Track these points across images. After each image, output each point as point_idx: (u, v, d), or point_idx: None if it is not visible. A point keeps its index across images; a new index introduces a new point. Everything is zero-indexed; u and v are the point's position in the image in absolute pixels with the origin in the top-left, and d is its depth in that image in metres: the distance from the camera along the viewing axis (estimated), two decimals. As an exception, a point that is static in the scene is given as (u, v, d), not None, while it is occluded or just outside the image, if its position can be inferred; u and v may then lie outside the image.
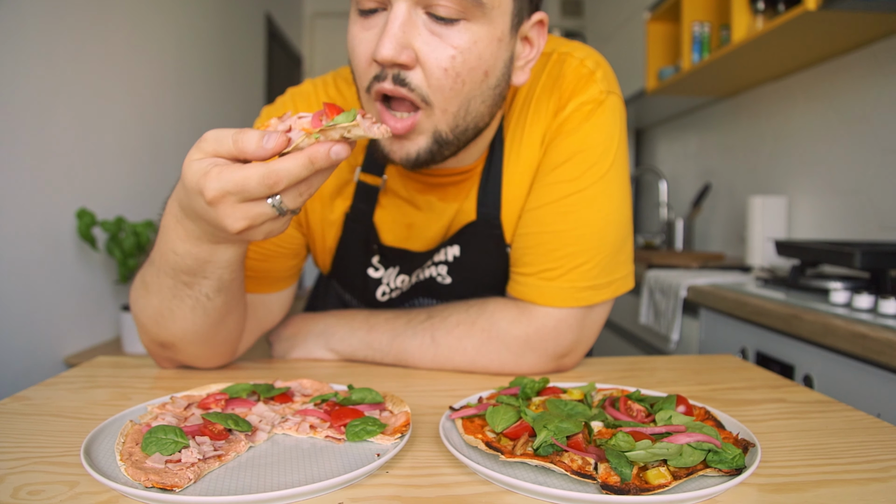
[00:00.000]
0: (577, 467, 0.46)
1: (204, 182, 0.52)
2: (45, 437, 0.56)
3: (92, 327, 1.93)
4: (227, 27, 3.12)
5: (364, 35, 0.66)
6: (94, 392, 0.70)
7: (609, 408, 0.58)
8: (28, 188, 1.61)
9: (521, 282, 0.79)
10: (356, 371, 0.81)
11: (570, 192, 0.76)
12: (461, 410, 0.58)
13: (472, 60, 0.65)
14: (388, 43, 0.62)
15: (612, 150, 0.77)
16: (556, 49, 0.80)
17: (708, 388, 0.76)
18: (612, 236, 0.77)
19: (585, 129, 0.76)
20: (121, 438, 0.51)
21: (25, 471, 0.49)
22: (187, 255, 0.62)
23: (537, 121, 0.78)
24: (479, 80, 0.67)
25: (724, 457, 0.48)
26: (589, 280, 0.77)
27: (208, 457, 0.49)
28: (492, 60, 0.67)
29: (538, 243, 0.77)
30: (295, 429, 0.57)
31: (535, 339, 0.78)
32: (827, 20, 1.60)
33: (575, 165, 0.76)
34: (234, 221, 0.54)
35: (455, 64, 0.64)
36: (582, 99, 0.76)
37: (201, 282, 0.66)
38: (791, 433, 0.60)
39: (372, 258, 0.87)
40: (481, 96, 0.69)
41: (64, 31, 1.74)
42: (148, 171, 2.27)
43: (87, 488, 0.46)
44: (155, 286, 0.68)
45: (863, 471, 0.51)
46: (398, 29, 0.62)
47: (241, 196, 0.52)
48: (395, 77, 0.64)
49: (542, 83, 0.79)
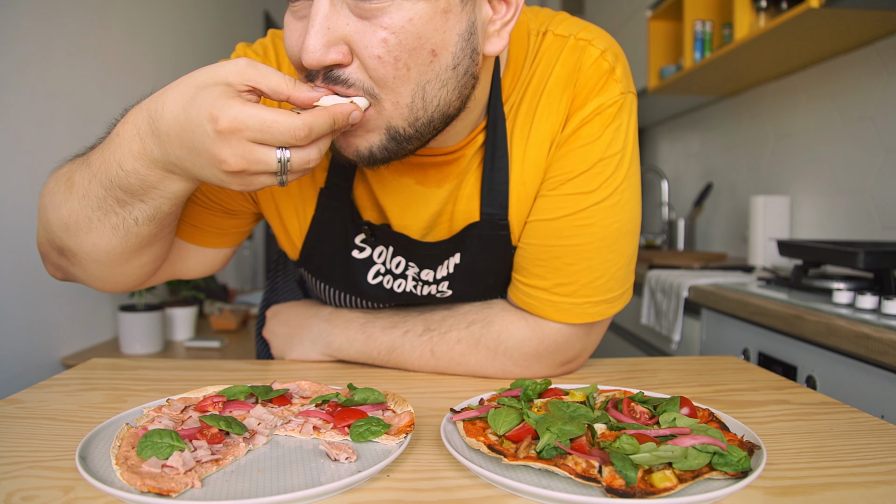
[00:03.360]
0: (581, 470, 0.45)
1: (223, 106, 0.50)
2: (39, 440, 0.55)
3: (89, 328, 1.92)
4: (224, 25, 3.11)
5: (293, 26, 0.59)
6: (90, 395, 0.69)
7: (612, 410, 0.58)
8: (25, 187, 1.60)
9: (532, 294, 0.75)
10: (355, 373, 0.80)
11: (590, 203, 0.71)
12: (462, 413, 0.57)
13: (410, 41, 0.56)
14: (311, 43, 0.54)
15: (628, 157, 0.73)
16: (573, 33, 0.72)
17: (710, 389, 0.75)
18: (627, 247, 0.74)
19: (607, 136, 0.71)
20: (116, 442, 0.50)
21: (19, 476, 0.48)
22: (133, 174, 0.57)
23: (548, 115, 0.71)
24: (426, 62, 0.57)
25: (729, 459, 0.47)
26: (603, 294, 0.74)
27: (205, 461, 0.48)
28: (438, 36, 0.57)
29: (553, 256, 0.72)
30: (298, 430, 0.56)
31: (545, 353, 0.76)
32: (830, 18, 1.59)
33: (595, 175, 0.71)
34: (234, 157, 0.51)
35: (389, 48, 0.55)
36: (602, 100, 0.70)
37: (136, 204, 0.61)
38: (796, 435, 0.59)
39: (355, 237, 0.78)
40: (437, 80, 0.59)
41: (61, 29, 1.74)
42: None
43: (82, 493, 0.45)
44: (82, 190, 0.62)
45: (869, 473, 0.50)
46: (321, 22, 0.54)
47: (259, 136, 0.50)
48: (328, 76, 0.57)
49: (557, 73, 0.71)
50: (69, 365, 1.73)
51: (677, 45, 2.58)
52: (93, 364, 0.82)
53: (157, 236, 0.67)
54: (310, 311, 0.87)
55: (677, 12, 2.43)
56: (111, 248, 0.65)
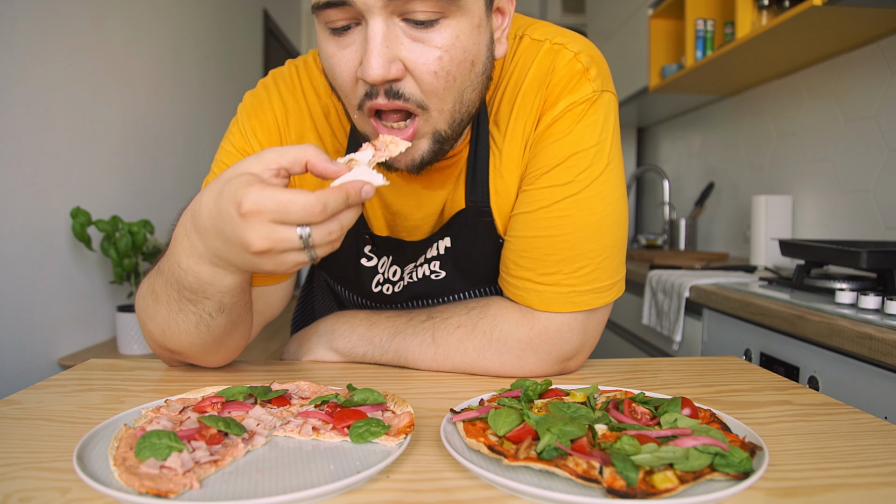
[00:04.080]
0: (581, 471, 0.45)
1: (245, 192, 0.53)
2: (35, 441, 0.55)
3: (87, 328, 1.91)
4: (223, 23, 3.10)
5: (342, 54, 0.65)
6: (87, 395, 0.69)
7: (613, 410, 0.57)
8: (22, 187, 1.59)
9: (519, 286, 0.78)
10: (356, 374, 0.80)
11: (564, 195, 0.74)
12: (462, 413, 0.56)
13: (459, 55, 0.64)
14: (375, 62, 0.61)
15: (605, 152, 0.75)
16: (549, 38, 0.76)
17: (712, 389, 0.74)
18: (609, 239, 0.76)
19: (578, 131, 0.74)
20: (114, 443, 0.50)
21: (16, 477, 0.48)
22: (189, 272, 0.63)
23: (523, 113, 0.76)
24: (467, 72, 0.67)
25: (731, 460, 0.47)
26: (589, 283, 0.76)
27: (203, 462, 0.48)
28: (476, 49, 0.66)
29: (533, 247, 0.76)
30: (297, 431, 0.56)
31: (538, 342, 0.77)
32: (833, 16, 1.58)
33: (568, 169, 0.74)
34: (259, 240, 0.54)
35: (443, 64, 0.64)
36: (574, 98, 0.74)
37: (203, 301, 0.66)
38: (798, 436, 0.59)
39: (364, 247, 0.85)
40: (472, 85, 0.69)
41: (58, 28, 1.73)
42: (144, 169, 2.25)
43: (79, 494, 0.45)
44: (163, 296, 0.69)
45: (872, 475, 0.50)
46: (381, 45, 0.61)
47: (277, 217, 0.53)
48: (388, 91, 0.64)
49: (532, 73, 0.76)
50: (66, 366, 1.72)
51: (679, 43, 2.58)
52: (90, 365, 0.82)
53: (235, 322, 0.72)
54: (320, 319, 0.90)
55: (679, 10, 2.43)
56: (203, 342, 0.72)
